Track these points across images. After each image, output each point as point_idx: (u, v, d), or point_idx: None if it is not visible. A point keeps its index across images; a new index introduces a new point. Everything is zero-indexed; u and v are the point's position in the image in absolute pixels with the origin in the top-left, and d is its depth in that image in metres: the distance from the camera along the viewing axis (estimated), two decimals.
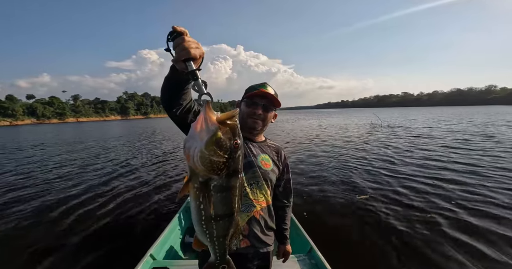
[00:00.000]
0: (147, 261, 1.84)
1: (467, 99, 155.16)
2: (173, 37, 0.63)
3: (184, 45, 0.61)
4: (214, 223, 0.60)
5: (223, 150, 0.53)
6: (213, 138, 0.51)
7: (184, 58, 0.61)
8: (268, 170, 1.04)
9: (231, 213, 0.61)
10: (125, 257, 2.50)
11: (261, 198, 1.01)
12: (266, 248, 1.03)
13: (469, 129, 13.12)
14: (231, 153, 0.54)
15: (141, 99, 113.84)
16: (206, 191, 0.55)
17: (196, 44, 0.63)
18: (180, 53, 0.61)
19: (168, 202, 4.11)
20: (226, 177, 0.55)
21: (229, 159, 0.54)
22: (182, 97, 0.79)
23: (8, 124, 66.45)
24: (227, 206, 0.59)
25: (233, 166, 0.56)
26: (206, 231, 0.61)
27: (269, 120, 1.06)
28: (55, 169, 7.00)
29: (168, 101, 0.79)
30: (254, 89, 1.03)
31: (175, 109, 0.80)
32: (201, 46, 0.65)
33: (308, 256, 1.90)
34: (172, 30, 0.63)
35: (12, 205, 4.18)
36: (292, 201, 1.22)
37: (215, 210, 0.58)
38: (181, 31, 0.63)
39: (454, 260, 2.38)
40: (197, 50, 0.62)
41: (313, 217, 3.38)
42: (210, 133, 0.51)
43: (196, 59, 0.63)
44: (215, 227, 0.61)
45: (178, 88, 0.77)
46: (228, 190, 0.58)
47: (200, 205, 0.57)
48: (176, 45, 0.62)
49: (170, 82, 0.75)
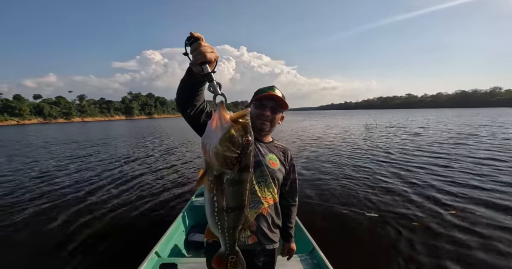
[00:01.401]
0: (152, 258, 1.88)
1: (472, 101, 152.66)
2: (191, 42, 0.69)
3: (201, 49, 0.66)
4: (226, 215, 0.64)
5: (236, 146, 0.57)
6: (227, 135, 0.55)
7: (200, 61, 0.66)
8: (275, 169, 1.07)
9: (242, 205, 0.65)
10: (130, 254, 2.54)
11: (268, 196, 1.04)
12: (272, 245, 1.07)
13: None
14: (243, 149, 0.58)
15: (145, 100, 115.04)
16: (220, 184, 0.59)
17: (211, 49, 0.68)
18: (197, 57, 0.66)
19: (173, 201, 4.17)
20: (238, 171, 0.59)
21: (241, 155, 0.58)
22: (197, 98, 0.84)
23: (16, 123, 67.77)
24: (238, 199, 0.63)
25: (245, 161, 0.60)
26: (218, 222, 0.65)
27: (276, 121, 1.10)
28: (63, 166, 7.15)
29: (183, 102, 0.84)
30: (263, 91, 1.08)
31: (189, 109, 0.85)
32: (215, 49, 0.70)
33: (310, 256, 1.92)
34: (190, 35, 0.68)
35: (26, 202, 4.29)
36: (297, 200, 1.25)
37: (227, 202, 0.62)
38: (198, 36, 0.68)
39: (454, 261, 2.38)
40: (212, 54, 0.67)
41: (315, 217, 3.41)
42: (224, 130, 0.55)
43: (212, 62, 0.68)
44: (226, 218, 0.64)
45: (194, 90, 0.82)
46: (240, 184, 0.62)
47: (214, 197, 0.61)
48: (193, 50, 0.67)
49: (186, 84, 0.80)
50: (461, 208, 3.52)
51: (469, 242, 2.68)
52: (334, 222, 3.30)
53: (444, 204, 3.67)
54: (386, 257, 2.51)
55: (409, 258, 2.47)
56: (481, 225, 3.03)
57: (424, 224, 3.12)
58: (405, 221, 3.20)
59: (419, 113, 49.11)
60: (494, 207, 3.51)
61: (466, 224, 3.07)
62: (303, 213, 3.40)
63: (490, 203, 3.65)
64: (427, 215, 3.36)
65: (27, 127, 45.51)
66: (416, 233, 2.92)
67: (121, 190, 4.82)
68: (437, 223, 3.13)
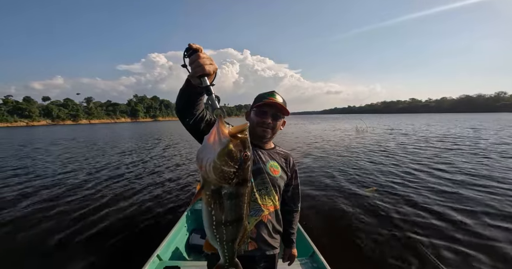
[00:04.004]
0: (154, 261, 1.88)
1: (476, 106, 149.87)
2: (189, 54, 0.68)
3: (199, 61, 0.66)
4: (224, 228, 0.64)
5: (234, 161, 0.57)
6: (225, 150, 0.56)
7: (199, 74, 0.66)
8: (276, 177, 1.07)
9: (240, 218, 0.65)
10: (132, 257, 2.56)
11: (269, 203, 1.04)
12: (273, 251, 1.06)
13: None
14: (241, 164, 0.58)
15: (150, 102, 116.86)
16: (218, 198, 0.60)
17: (210, 61, 0.68)
18: (196, 69, 0.66)
19: (174, 204, 4.17)
20: (236, 185, 0.60)
21: (239, 169, 0.59)
22: (196, 107, 0.84)
23: (25, 125, 69.50)
24: (236, 212, 0.63)
25: (243, 176, 0.60)
26: (216, 235, 0.65)
27: (278, 128, 1.10)
28: (64, 167, 7.26)
29: (182, 111, 0.84)
30: (263, 98, 1.06)
31: (188, 118, 0.84)
32: (213, 61, 0.69)
33: (311, 260, 1.90)
34: (188, 47, 0.68)
35: (27, 204, 4.36)
36: (299, 206, 1.24)
37: (225, 216, 0.62)
38: (197, 48, 0.68)
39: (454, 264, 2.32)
40: (211, 67, 0.67)
41: (316, 220, 3.38)
42: (222, 145, 0.56)
43: (210, 74, 0.68)
44: (225, 231, 0.65)
45: (192, 100, 0.81)
46: (238, 197, 0.62)
47: (212, 211, 0.61)
48: (192, 62, 0.67)
49: (185, 94, 0.80)
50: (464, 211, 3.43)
51: (477, 251, 2.59)
52: (335, 226, 3.28)
53: (452, 210, 3.58)
54: (387, 262, 2.47)
55: (410, 262, 2.43)
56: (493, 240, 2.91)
57: (426, 228, 3.07)
58: (406, 225, 3.16)
59: (413, 118, 48.51)
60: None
61: (473, 229, 2.98)
62: (303, 216, 3.38)
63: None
64: (429, 219, 3.28)
65: (38, 128, 46.54)
66: (417, 236, 2.88)
67: (123, 192, 4.85)
68: (440, 227, 3.06)
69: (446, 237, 2.90)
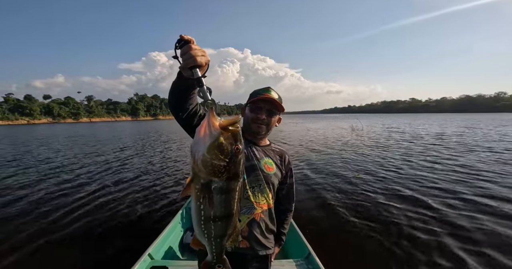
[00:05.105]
0: (145, 260, 1.86)
1: (476, 106, 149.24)
2: (181, 45, 0.66)
3: (191, 53, 0.64)
4: (213, 223, 0.62)
5: (224, 154, 0.55)
6: (215, 143, 0.54)
7: (190, 65, 0.64)
8: (270, 174, 1.05)
9: (230, 215, 0.63)
10: (124, 256, 2.52)
11: (262, 201, 1.02)
12: (266, 251, 1.04)
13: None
14: (232, 157, 0.56)
15: (150, 101, 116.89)
16: (207, 193, 0.58)
17: (202, 52, 0.66)
18: (187, 60, 0.65)
19: (169, 203, 4.15)
20: (226, 180, 0.58)
21: (230, 163, 0.56)
22: (188, 101, 0.82)
23: (26, 123, 69.64)
24: (226, 208, 0.61)
25: (234, 170, 0.58)
26: (204, 231, 0.63)
27: (273, 124, 1.08)
28: (53, 166, 7.26)
29: (175, 105, 0.83)
30: (258, 94, 1.04)
31: (181, 113, 0.83)
32: (207, 53, 0.68)
33: (306, 261, 1.89)
34: (180, 38, 0.66)
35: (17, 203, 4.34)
36: (293, 206, 1.23)
37: (214, 211, 0.60)
38: (188, 39, 0.66)
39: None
40: (203, 58, 0.66)
41: (312, 222, 3.36)
42: (213, 138, 0.54)
43: (202, 66, 0.66)
44: (213, 227, 0.63)
45: (185, 93, 0.80)
46: (228, 192, 0.60)
47: (201, 205, 0.59)
48: (183, 53, 0.65)
49: (177, 87, 0.78)
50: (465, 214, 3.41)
51: (470, 256, 2.57)
52: (331, 227, 3.26)
53: (451, 214, 3.56)
54: (383, 263, 2.46)
55: (406, 264, 2.42)
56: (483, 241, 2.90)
57: (420, 230, 3.05)
58: (403, 228, 3.13)
59: (410, 118, 48.44)
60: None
61: (471, 234, 2.96)
62: (299, 217, 3.36)
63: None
64: (427, 223, 3.25)
65: (39, 126, 46.61)
66: (414, 238, 2.87)
67: (116, 191, 4.80)
68: (438, 229, 3.03)
69: (443, 237, 2.88)
